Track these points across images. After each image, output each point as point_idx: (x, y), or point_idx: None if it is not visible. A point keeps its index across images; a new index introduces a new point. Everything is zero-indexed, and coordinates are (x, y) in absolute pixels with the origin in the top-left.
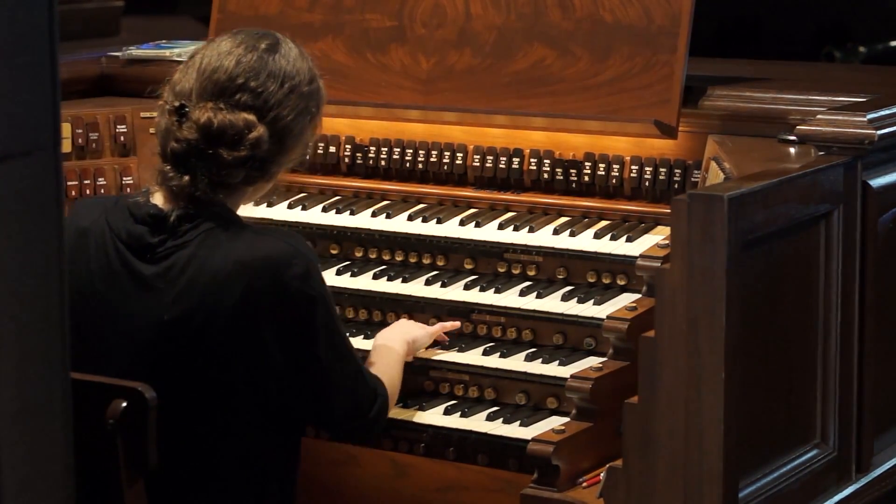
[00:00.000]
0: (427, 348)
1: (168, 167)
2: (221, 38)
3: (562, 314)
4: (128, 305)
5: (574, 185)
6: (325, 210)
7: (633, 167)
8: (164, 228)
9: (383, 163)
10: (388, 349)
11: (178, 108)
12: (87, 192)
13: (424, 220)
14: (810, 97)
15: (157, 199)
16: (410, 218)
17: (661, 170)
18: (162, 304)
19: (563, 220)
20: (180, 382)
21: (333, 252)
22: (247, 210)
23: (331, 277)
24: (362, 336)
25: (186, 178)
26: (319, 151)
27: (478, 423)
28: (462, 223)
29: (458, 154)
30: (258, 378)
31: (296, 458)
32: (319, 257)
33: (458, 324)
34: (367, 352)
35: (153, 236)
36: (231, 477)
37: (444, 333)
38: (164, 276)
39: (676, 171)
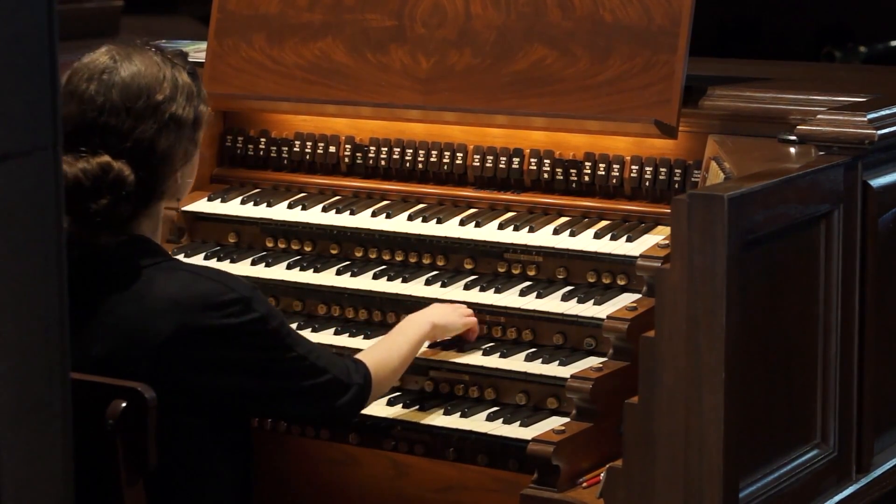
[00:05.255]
0: (461, 350)
1: None
2: (70, 73)
3: (562, 314)
4: None
5: (574, 185)
6: (325, 210)
7: (633, 167)
8: (87, 266)
9: (383, 163)
10: (408, 329)
11: None
12: None
13: (424, 220)
14: (810, 97)
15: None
16: (410, 218)
17: (661, 170)
18: (89, 340)
19: (563, 220)
20: None
21: (333, 252)
22: (247, 210)
23: (331, 277)
24: (362, 336)
25: (75, 228)
26: (319, 151)
27: (478, 423)
28: (462, 223)
29: (458, 154)
30: (193, 403)
31: (249, 456)
32: (319, 257)
33: (476, 332)
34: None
35: (76, 273)
36: (178, 485)
37: (464, 339)
38: (91, 312)
39: (676, 171)
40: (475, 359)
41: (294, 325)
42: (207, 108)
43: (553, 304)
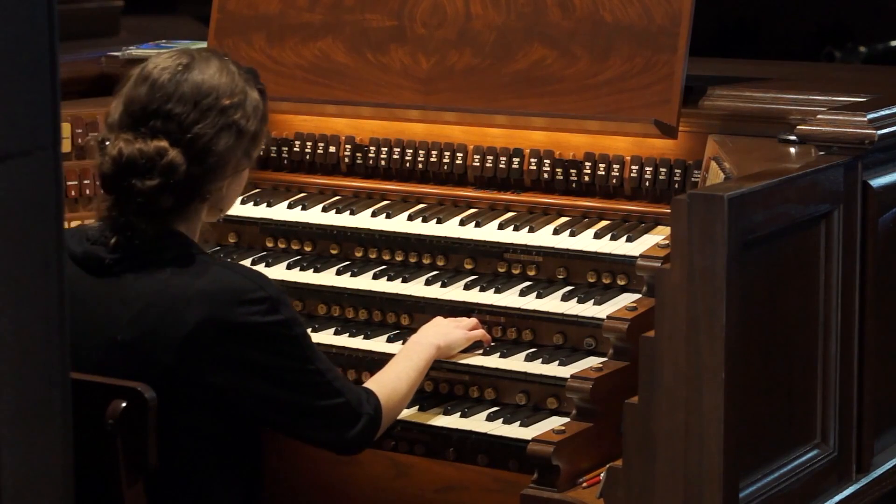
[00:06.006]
0: (465, 351)
1: (104, 200)
2: (146, 63)
3: (562, 314)
4: (80, 325)
5: (574, 185)
6: (325, 210)
7: (633, 167)
8: (121, 250)
9: (383, 163)
10: (413, 354)
11: (101, 143)
12: (87, 192)
13: (424, 220)
14: (810, 97)
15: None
16: (410, 218)
17: (661, 170)
18: (116, 325)
19: (563, 220)
20: None
21: (333, 252)
22: (247, 210)
23: (331, 277)
24: (362, 336)
25: (115, 209)
26: (319, 151)
27: (478, 423)
28: (462, 223)
29: (458, 154)
30: (205, 402)
31: (258, 461)
32: (319, 257)
33: (490, 339)
34: (368, 352)
35: (110, 255)
36: (184, 483)
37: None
38: (121, 299)
39: (676, 171)
40: (475, 359)
41: None
42: (267, 132)
43: (553, 304)
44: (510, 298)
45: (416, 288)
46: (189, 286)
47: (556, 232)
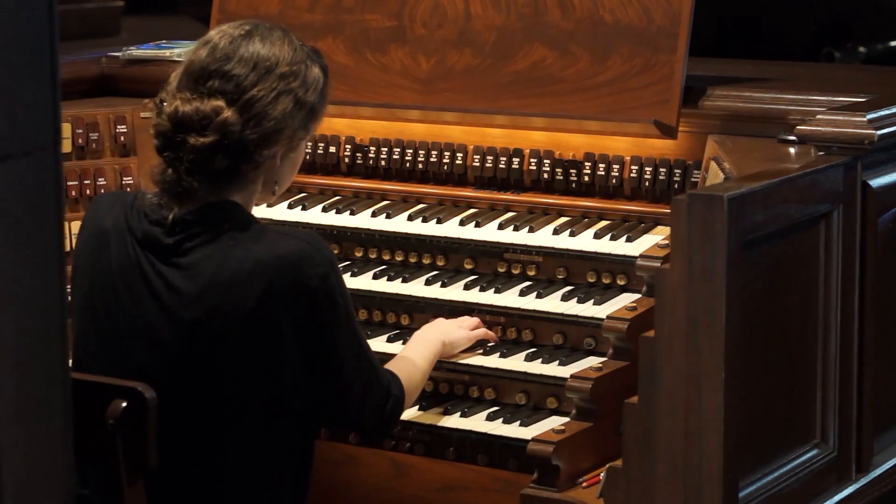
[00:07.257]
0: (465, 351)
1: (157, 165)
2: (214, 30)
3: (562, 314)
4: (147, 305)
5: (574, 185)
6: (325, 210)
7: (633, 167)
8: (178, 229)
9: (383, 163)
10: (422, 346)
11: (158, 104)
12: (87, 192)
13: (424, 220)
14: (810, 97)
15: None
16: (410, 218)
17: (661, 170)
18: (181, 304)
19: (563, 220)
20: (197, 380)
21: (333, 252)
22: None
23: None
24: None
25: (170, 171)
26: (319, 151)
27: (478, 423)
28: (462, 223)
29: (458, 154)
30: (275, 376)
31: (310, 457)
32: None
33: (496, 337)
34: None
35: (168, 237)
36: (246, 474)
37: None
38: (184, 277)
39: (676, 171)
40: (475, 358)
41: None
42: (325, 109)
43: (553, 304)
44: (510, 298)
45: (416, 288)
46: (247, 258)
47: (556, 232)
